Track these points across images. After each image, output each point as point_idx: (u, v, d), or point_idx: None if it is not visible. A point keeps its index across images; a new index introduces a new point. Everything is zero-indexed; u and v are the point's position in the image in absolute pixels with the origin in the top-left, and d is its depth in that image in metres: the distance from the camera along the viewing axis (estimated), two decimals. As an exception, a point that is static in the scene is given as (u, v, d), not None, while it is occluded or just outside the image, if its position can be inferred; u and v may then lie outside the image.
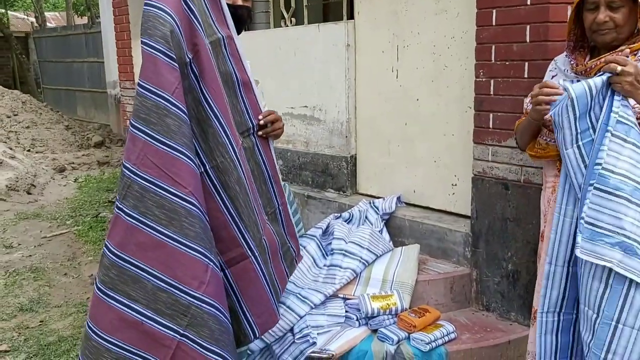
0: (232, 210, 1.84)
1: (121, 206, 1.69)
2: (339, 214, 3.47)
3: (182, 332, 1.70)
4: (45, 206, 6.09)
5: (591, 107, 1.73)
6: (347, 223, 3.34)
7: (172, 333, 1.70)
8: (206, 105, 1.80)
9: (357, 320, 2.68)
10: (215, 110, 1.81)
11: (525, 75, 2.58)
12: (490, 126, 2.77)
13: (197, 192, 1.71)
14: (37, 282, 4.08)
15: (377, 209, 3.42)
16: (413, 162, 3.46)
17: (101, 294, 1.71)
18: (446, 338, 2.54)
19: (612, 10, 1.84)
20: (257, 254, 1.92)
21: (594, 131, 1.74)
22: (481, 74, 2.78)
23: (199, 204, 1.71)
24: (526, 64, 2.57)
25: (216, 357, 1.74)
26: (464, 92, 3.06)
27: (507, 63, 2.65)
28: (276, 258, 2.07)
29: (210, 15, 1.86)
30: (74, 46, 12.47)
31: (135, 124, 1.67)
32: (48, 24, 18.94)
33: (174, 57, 1.67)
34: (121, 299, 1.68)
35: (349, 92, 3.72)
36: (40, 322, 3.48)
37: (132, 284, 1.67)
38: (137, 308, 1.68)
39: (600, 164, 1.68)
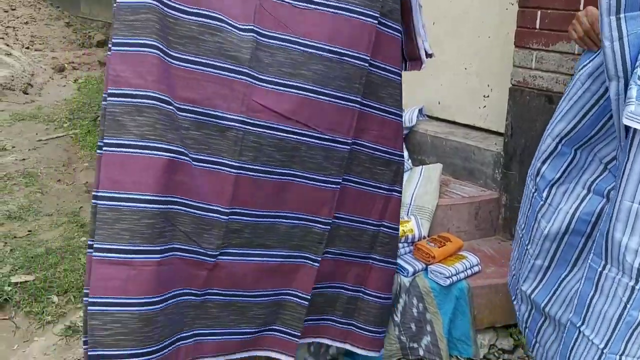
0: None
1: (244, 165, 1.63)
2: (352, 126, 3.11)
3: (315, 257, 1.80)
4: (42, 107, 5.76)
5: None
6: (362, 136, 3.00)
7: (309, 262, 1.79)
8: None
9: (368, 246, 2.40)
10: None
11: (589, -38, 2.11)
12: (537, 26, 2.34)
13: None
14: (29, 187, 3.84)
15: (396, 122, 3.06)
16: (439, 69, 3.03)
17: (235, 258, 1.69)
18: (469, 271, 2.25)
19: None
20: None
21: None
22: (532, -40, 2.31)
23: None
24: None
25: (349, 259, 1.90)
26: (507, -16, 2.59)
27: (567, -54, 2.18)
28: None
29: None
30: None
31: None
32: None
33: None
34: (260, 252, 1.71)
35: (369, -16, 3.22)
36: (29, 231, 3.25)
37: (267, 233, 1.70)
38: (276, 252, 1.74)
39: None
